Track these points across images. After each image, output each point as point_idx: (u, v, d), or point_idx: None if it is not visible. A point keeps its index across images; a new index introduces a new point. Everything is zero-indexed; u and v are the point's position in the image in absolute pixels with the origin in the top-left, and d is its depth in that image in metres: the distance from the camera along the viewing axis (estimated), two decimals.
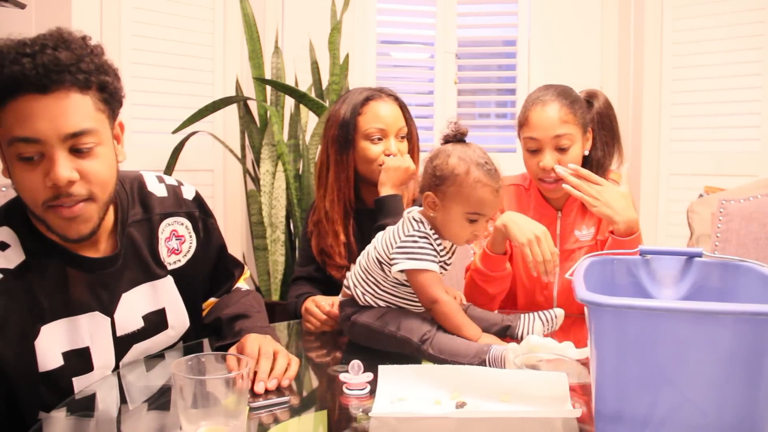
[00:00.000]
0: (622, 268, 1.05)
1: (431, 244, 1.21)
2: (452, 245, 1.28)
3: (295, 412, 0.99)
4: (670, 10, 2.88)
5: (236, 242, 3.03)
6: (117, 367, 1.14)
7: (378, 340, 1.22)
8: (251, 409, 0.95)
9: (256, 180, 2.76)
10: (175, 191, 1.26)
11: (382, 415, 0.93)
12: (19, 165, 0.96)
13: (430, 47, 3.26)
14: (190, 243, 1.25)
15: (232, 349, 1.15)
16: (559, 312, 1.30)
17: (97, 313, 1.09)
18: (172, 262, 1.22)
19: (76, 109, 0.96)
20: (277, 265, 2.63)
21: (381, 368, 1.03)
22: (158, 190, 1.23)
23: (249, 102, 2.73)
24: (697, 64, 2.83)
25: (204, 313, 1.34)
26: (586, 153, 1.56)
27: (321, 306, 1.43)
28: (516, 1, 3.16)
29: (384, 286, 1.25)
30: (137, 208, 1.18)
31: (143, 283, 1.17)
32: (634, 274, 1.04)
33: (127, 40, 2.63)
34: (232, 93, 2.81)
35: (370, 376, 1.04)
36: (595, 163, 1.56)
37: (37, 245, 1.04)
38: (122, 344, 1.13)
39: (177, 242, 1.23)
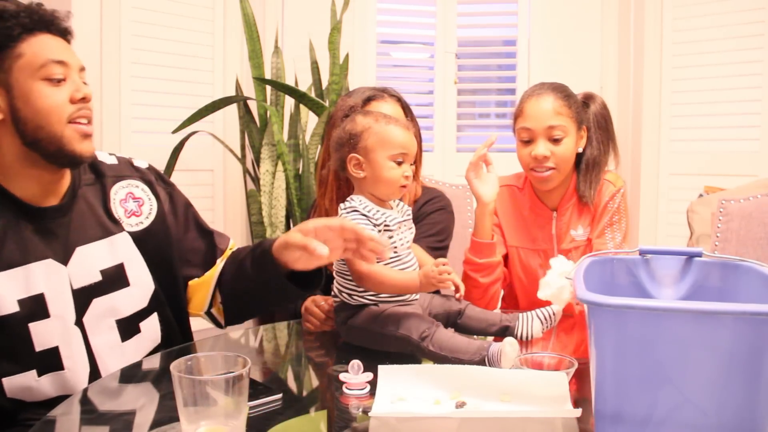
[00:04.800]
0: (622, 268, 1.05)
1: (363, 214, 1.21)
2: (400, 206, 1.29)
3: (295, 412, 0.99)
4: (670, 10, 2.88)
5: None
6: (80, 322, 1.16)
7: (377, 341, 1.22)
8: None
9: (256, 180, 2.76)
10: (126, 161, 1.32)
11: (382, 415, 0.93)
12: (46, 87, 1.10)
13: (430, 47, 3.26)
14: (150, 206, 1.29)
15: (296, 235, 1.12)
16: (557, 308, 1.31)
17: (50, 260, 1.14)
18: (134, 224, 1.26)
19: (74, 52, 1.18)
20: None
21: (381, 368, 1.03)
22: (108, 159, 1.30)
23: (249, 102, 2.74)
24: (697, 64, 2.83)
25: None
26: (580, 150, 1.57)
27: (321, 305, 1.43)
28: (516, 1, 3.16)
29: None
30: (89, 174, 1.25)
31: (100, 240, 1.21)
32: (634, 274, 1.04)
33: (127, 40, 2.63)
34: (232, 93, 2.81)
35: (369, 375, 1.04)
36: (592, 162, 1.57)
37: None
38: (81, 297, 1.16)
39: (135, 204, 1.27)
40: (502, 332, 1.28)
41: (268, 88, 2.73)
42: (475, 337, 1.26)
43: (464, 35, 3.24)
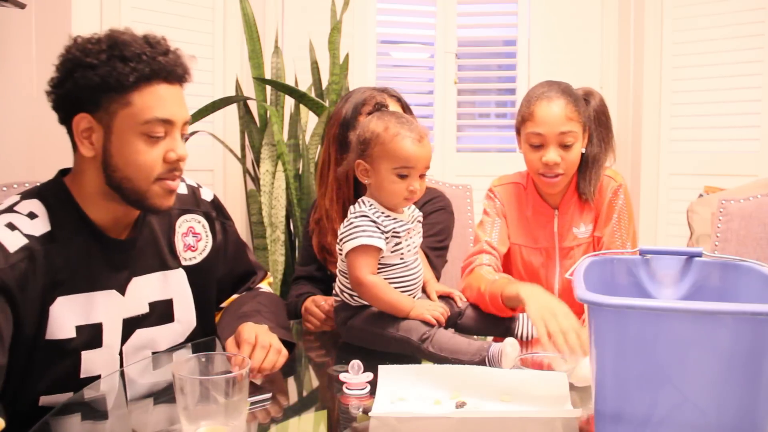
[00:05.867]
0: (622, 268, 1.05)
1: (372, 220, 1.21)
2: (411, 209, 1.29)
3: (295, 412, 0.99)
4: (670, 10, 2.88)
5: None
6: (120, 350, 1.16)
7: (377, 342, 1.22)
8: None
9: (256, 180, 2.76)
10: (194, 191, 1.32)
11: (382, 415, 0.93)
12: (143, 144, 1.08)
13: (430, 47, 3.26)
14: (206, 242, 1.30)
15: (230, 339, 1.16)
16: None
17: (114, 291, 1.14)
18: (188, 258, 1.27)
19: (184, 99, 1.14)
20: (277, 265, 2.62)
21: (381, 368, 1.03)
22: (180, 188, 1.27)
23: (249, 102, 2.73)
24: (697, 64, 2.83)
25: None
26: (583, 151, 1.57)
27: (321, 306, 1.43)
28: (516, 1, 3.16)
29: None
30: None
31: (156, 272, 1.21)
32: (634, 273, 1.04)
33: None
34: (232, 93, 2.81)
35: (370, 375, 1.04)
36: (592, 159, 1.57)
37: (71, 222, 1.10)
38: (127, 326, 1.17)
39: (193, 239, 1.28)
40: (503, 332, 1.28)
41: (268, 88, 2.73)
42: (475, 337, 1.26)
43: (464, 35, 3.23)
